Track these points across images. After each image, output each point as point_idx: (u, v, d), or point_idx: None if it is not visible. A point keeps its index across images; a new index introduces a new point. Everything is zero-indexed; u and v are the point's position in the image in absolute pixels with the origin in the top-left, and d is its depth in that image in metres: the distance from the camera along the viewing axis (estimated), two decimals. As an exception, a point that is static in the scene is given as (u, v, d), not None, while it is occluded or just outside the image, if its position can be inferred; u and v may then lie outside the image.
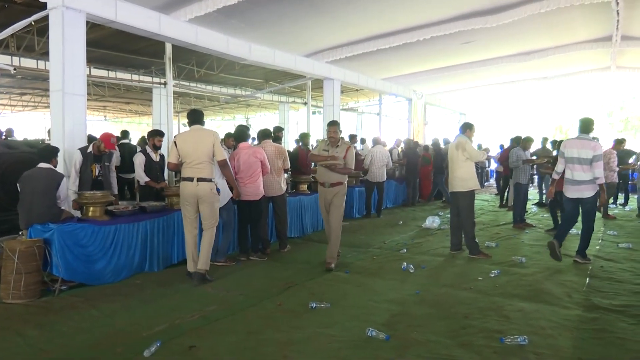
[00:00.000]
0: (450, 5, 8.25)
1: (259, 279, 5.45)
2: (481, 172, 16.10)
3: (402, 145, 12.97)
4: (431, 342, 3.71)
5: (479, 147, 13.54)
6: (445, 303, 4.64)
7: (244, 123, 23.29)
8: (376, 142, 10.82)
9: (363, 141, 13.74)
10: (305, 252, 6.85)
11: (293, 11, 7.61)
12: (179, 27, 7.16)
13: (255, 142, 7.18)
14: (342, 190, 5.91)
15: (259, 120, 25.02)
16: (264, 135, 6.90)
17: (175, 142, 5.26)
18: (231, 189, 5.87)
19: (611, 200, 12.32)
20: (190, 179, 5.17)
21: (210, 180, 5.24)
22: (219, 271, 5.71)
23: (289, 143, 9.57)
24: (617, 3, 7.88)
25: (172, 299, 4.72)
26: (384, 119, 17.65)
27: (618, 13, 8.40)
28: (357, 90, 16.50)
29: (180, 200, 5.38)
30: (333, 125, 5.90)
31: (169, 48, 7.89)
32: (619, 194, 12.24)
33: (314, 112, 18.09)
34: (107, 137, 5.95)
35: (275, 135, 7.43)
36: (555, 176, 6.50)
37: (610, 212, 10.80)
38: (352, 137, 13.45)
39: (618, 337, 3.82)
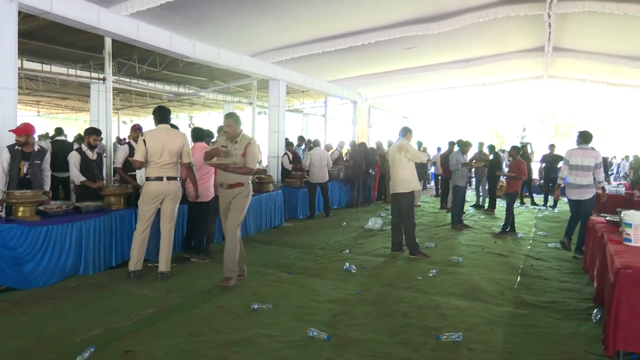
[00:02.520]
0: (394, 12, 8.44)
1: (200, 281, 5.36)
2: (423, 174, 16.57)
3: (347, 147, 13.13)
4: (371, 340, 3.79)
5: (419, 145, 14.00)
6: (386, 302, 4.75)
7: (188, 122, 22.86)
8: (316, 144, 11.04)
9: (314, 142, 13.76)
10: (248, 253, 6.77)
11: (239, 10, 7.53)
12: (120, 21, 6.92)
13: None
14: (243, 192, 5.19)
15: (202, 120, 24.53)
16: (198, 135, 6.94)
17: (144, 140, 5.21)
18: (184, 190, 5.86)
19: (542, 202, 13.05)
20: (160, 179, 5.23)
21: (177, 179, 5.36)
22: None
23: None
24: (549, 16, 8.33)
25: (108, 303, 4.56)
26: (330, 120, 17.80)
27: (549, 25, 8.89)
28: (303, 91, 16.54)
29: (141, 200, 5.31)
30: (228, 118, 5.22)
31: (108, 42, 7.57)
32: (549, 196, 12.92)
33: (259, 113, 17.95)
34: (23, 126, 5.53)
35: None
36: (560, 182, 7.27)
37: (540, 214, 11.42)
38: (300, 138, 13.51)
39: (545, 332, 4.05)
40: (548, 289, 5.30)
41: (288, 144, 11.39)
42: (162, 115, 5.43)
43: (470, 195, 13.20)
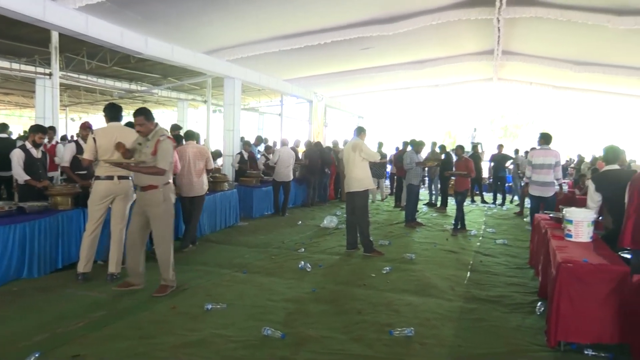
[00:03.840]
0: (350, 12, 8.52)
1: (152, 283, 5.23)
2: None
3: (303, 146, 13.14)
4: (326, 338, 3.82)
5: (380, 145, 14.21)
6: (340, 300, 4.80)
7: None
8: (283, 143, 11.08)
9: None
10: (202, 254, 6.71)
11: (193, 6, 7.40)
12: (67, 14, 6.66)
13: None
14: (158, 198, 4.70)
15: (156, 118, 23.97)
16: (186, 136, 7.19)
17: (94, 138, 5.07)
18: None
19: (490, 200, 13.49)
20: (111, 177, 5.08)
21: (128, 178, 5.20)
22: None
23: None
24: (498, 21, 8.63)
25: (55, 306, 4.39)
26: (286, 119, 17.79)
27: (499, 30, 9.21)
28: (259, 90, 16.45)
29: (91, 199, 5.15)
30: (138, 115, 4.72)
31: (55, 36, 7.31)
32: (497, 194, 13.39)
33: (214, 111, 17.76)
34: None
35: (173, 134, 7.25)
36: (526, 180, 7.82)
37: (489, 212, 11.81)
38: (258, 138, 13.39)
39: (493, 325, 4.20)
40: (496, 284, 5.49)
41: (245, 143, 11.31)
42: (113, 113, 5.31)
43: (424, 194, 13.49)
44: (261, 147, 12.55)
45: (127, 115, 24.17)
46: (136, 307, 4.44)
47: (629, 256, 4.20)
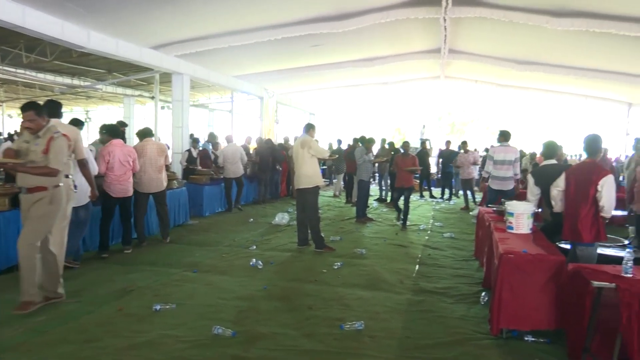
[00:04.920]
0: (300, 9, 8.53)
1: (98, 284, 5.08)
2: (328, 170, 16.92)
3: (254, 143, 13.04)
4: (277, 334, 3.83)
5: (339, 142, 14.36)
6: (292, 296, 4.81)
7: (85, 116, 21.50)
8: (228, 140, 11.05)
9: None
10: (151, 253, 6.55)
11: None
12: (2, 5, 6.33)
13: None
14: (43, 200, 4.24)
15: (100, 114, 23.12)
16: (144, 134, 7.26)
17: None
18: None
19: (439, 195, 13.86)
20: None
21: (68, 177, 4.88)
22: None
23: (134, 139, 8.90)
24: (445, 20, 8.86)
25: (-9, 312, 4.19)
26: (236, 116, 17.58)
27: (445, 29, 9.46)
28: (208, 86, 16.17)
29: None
30: (28, 110, 4.23)
31: (-11, 28, 6.91)
32: (445, 189, 13.77)
33: (162, 107, 17.30)
34: None
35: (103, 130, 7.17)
36: (485, 175, 8.13)
37: (437, 206, 12.15)
38: (211, 135, 13.17)
39: (440, 316, 4.34)
40: (443, 276, 5.66)
41: (194, 140, 11.12)
42: (52, 110, 5.07)
43: (374, 190, 13.69)
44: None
45: (70, 112, 23.29)
46: (80, 310, 4.29)
47: (567, 246, 4.46)
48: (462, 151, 12.48)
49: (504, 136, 8.01)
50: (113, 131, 6.60)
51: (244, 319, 4.16)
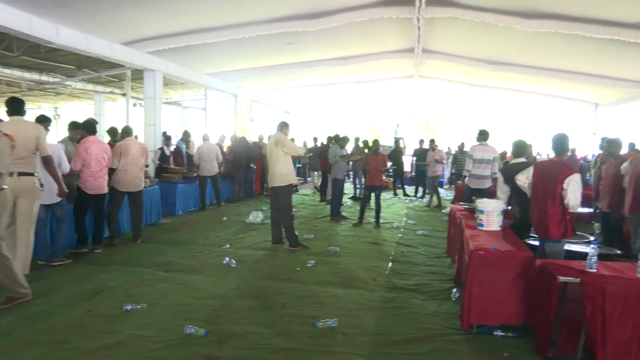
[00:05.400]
0: (274, 7, 8.49)
1: (67, 284, 4.96)
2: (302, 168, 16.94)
3: (228, 141, 12.95)
4: (250, 333, 3.82)
5: (315, 140, 14.37)
6: (265, 294, 4.80)
7: (52, 113, 21.00)
8: (204, 138, 10.95)
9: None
10: (122, 252, 6.45)
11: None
12: (-35, -3, 6.15)
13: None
14: None
15: (70, 111, 22.56)
16: (126, 132, 7.26)
17: None
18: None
19: (412, 193, 14.00)
20: (10, 174, 4.66)
21: (33, 175, 4.87)
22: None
23: (105, 137, 8.69)
24: (418, 20, 8.95)
25: (-46, 314, 4.06)
26: (210, 114, 17.41)
27: (419, 28, 9.56)
28: (182, 83, 15.98)
29: None
30: None
31: (-50, 21, 6.68)
32: (419, 187, 13.92)
33: (134, 104, 17.01)
34: None
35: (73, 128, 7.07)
36: (466, 173, 8.25)
37: (411, 204, 12.27)
38: (185, 133, 13.00)
39: (412, 312, 4.39)
40: (415, 273, 5.73)
41: (166, 138, 10.97)
42: (15, 107, 4.99)
43: (348, 188, 13.75)
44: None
45: (38, 109, 22.70)
46: (48, 311, 4.20)
47: (536, 243, 4.57)
48: (430, 149, 12.62)
49: (483, 135, 8.27)
50: (89, 127, 6.47)
51: (217, 318, 4.14)
